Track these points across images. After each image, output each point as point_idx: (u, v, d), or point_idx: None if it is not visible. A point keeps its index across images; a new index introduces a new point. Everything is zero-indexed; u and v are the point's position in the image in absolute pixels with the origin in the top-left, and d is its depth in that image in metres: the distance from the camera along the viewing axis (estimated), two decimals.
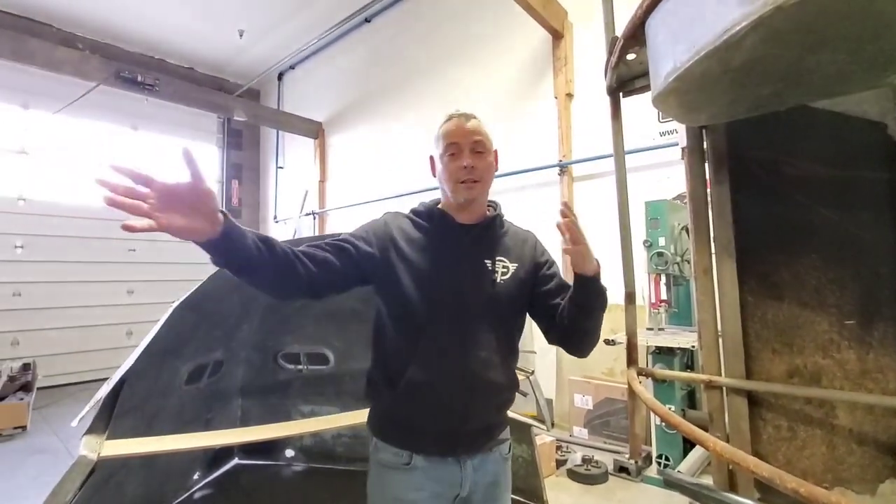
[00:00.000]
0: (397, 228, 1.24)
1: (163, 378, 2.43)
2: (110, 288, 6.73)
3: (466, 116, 1.25)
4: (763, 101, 0.76)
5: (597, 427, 3.52)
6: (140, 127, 7.15)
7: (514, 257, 1.29)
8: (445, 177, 1.22)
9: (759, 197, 0.90)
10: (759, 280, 0.90)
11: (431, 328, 1.17)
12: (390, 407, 1.20)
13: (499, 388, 1.23)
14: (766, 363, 0.89)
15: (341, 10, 5.89)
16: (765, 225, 0.90)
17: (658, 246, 2.97)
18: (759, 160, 0.91)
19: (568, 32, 4.12)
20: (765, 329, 0.90)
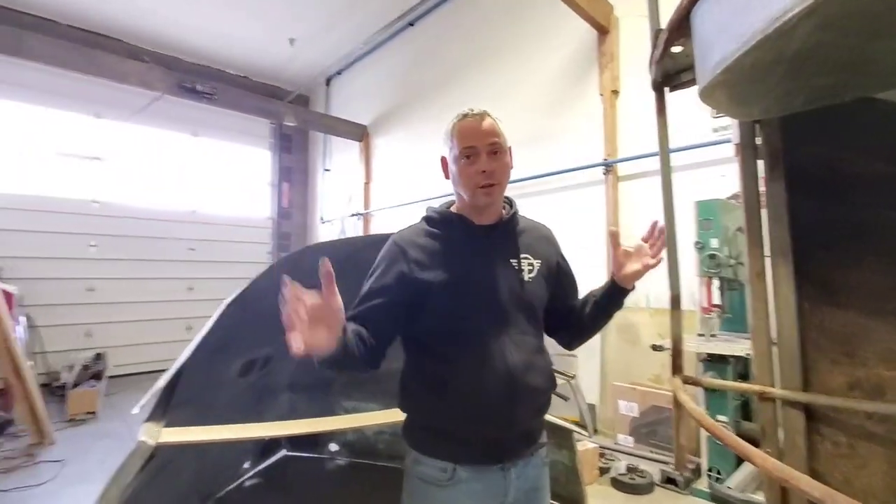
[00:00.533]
0: (413, 246, 1.20)
1: (217, 371, 2.57)
2: (172, 285, 7.19)
3: (481, 115, 1.22)
4: (820, 93, 0.70)
5: (643, 435, 3.39)
6: (199, 133, 7.60)
7: (536, 254, 1.28)
8: (462, 182, 1.20)
9: (817, 196, 0.84)
10: (818, 285, 0.83)
11: (471, 335, 1.16)
12: (433, 417, 1.17)
13: (539, 391, 1.21)
14: (825, 374, 0.82)
15: (385, 16, 6.01)
16: (824, 226, 0.84)
17: (710, 248, 2.82)
18: (817, 157, 0.85)
19: (614, 27, 4.00)
20: (823, 338, 0.83)
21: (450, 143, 1.23)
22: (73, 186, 6.42)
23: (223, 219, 7.81)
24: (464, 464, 1.13)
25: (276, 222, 8.58)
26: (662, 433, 3.27)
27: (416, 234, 1.24)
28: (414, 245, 1.20)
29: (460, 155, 1.19)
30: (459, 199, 1.27)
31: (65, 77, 5.68)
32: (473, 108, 1.25)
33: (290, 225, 8.77)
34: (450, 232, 1.23)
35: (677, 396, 0.84)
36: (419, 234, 1.24)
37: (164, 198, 7.20)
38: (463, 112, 1.25)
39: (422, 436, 1.20)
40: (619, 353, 3.80)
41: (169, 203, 7.24)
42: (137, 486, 1.53)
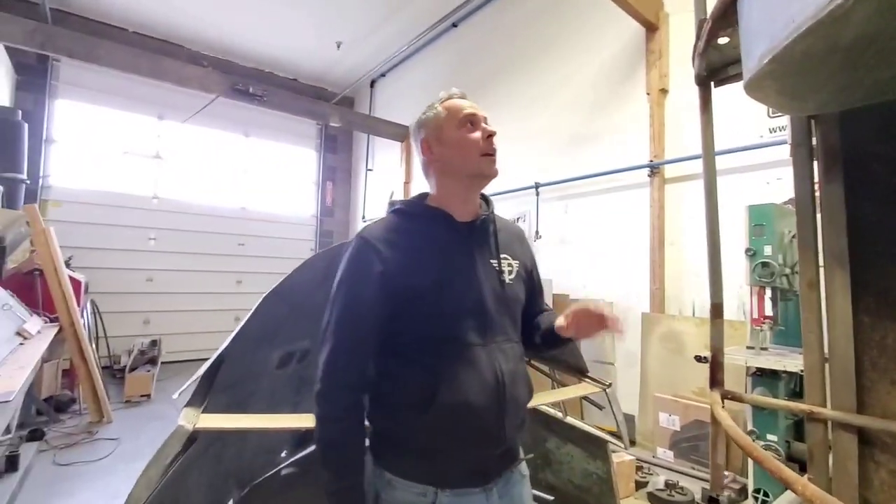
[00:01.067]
0: (387, 244, 1.05)
1: (257, 361, 2.66)
2: (223, 277, 7.56)
3: (464, 94, 1.18)
4: (883, 87, 0.64)
5: (684, 450, 3.23)
6: (251, 133, 7.95)
7: (514, 254, 1.19)
8: (464, 150, 1.09)
9: (879, 200, 0.77)
10: (878, 298, 0.76)
11: (459, 343, 1.04)
12: (413, 435, 1.03)
13: (523, 402, 1.12)
14: (883, 396, 0.76)
15: (429, 18, 6.06)
16: (886, 232, 0.77)
17: (763, 255, 2.65)
18: (881, 156, 0.78)
19: (663, 24, 3.84)
20: (883, 356, 0.76)
21: (438, 122, 1.14)
22: (136, 183, 6.87)
23: (270, 216, 8.13)
24: (446, 488, 1.02)
25: (319, 220, 8.84)
26: (705, 449, 3.11)
27: (388, 231, 1.09)
28: (388, 243, 1.05)
29: (460, 123, 1.11)
30: (441, 189, 1.15)
31: (131, 80, 6.09)
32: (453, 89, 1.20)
33: (333, 223, 9.01)
34: (428, 228, 1.10)
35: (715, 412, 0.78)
36: (392, 231, 1.09)
37: (216, 195, 7.58)
38: (444, 95, 1.20)
39: (397, 456, 1.06)
40: (662, 363, 3.64)
41: (221, 200, 7.62)
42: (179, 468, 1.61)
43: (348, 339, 1.05)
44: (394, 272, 1.03)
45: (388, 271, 1.03)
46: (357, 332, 1.05)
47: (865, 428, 0.74)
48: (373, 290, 1.03)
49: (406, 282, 1.03)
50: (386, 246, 1.05)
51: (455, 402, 0.99)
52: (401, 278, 1.03)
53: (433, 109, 1.17)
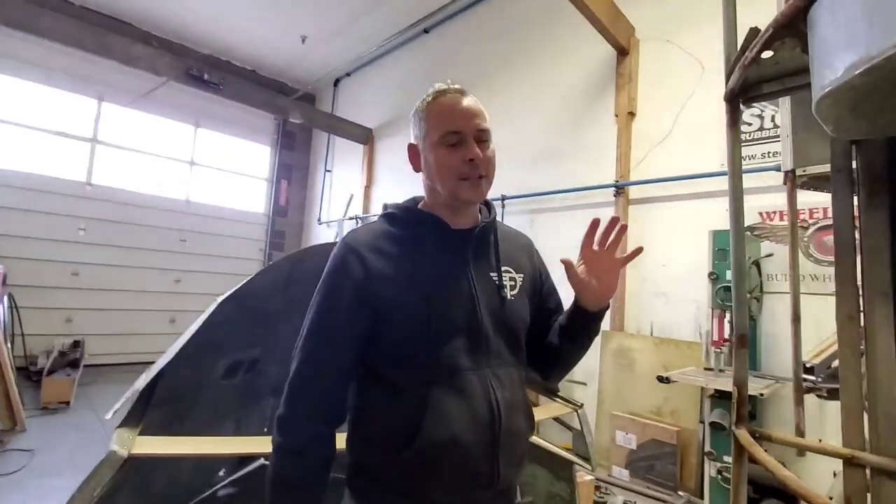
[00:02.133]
0: (372, 252, 0.94)
1: (201, 371, 2.41)
2: (159, 275, 6.99)
3: (462, 91, 0.99)
4: None
5: (639, 469, 3.26)
6: (202, 124, 7.47)
7: (519, 267, 1.07)
8: (442, 171, 0.95)
9: None
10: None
11: (445, 366, 0.91)
12: (396, 475, 0.90)
13: (522, 436, 0.99)
14: None
15: (401, 21, 5.96)
16: None
17: (725, 279, 2.73)
18: None
19: (634, 49, 3.96)
20: None
21: (424, 126, 0.99)
22: (68, 167, 6.24)
23: (217, 211, 7.64)
24: None
25: (271, 219, 8.42)
26: (661, 469, 3.14)
27: (375, 237, 0.97)
28: (374, 250, 0.94)
29: (440, 141, 0.95)
30: (432, 196, 1.02)
31: (71, 56, 5.56)
32: (451, 82, 1.01)
33: (286, 223, 8.61)
34: (419, 235, 0.98)
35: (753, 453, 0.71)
36: (380, 237, 0.97)
37: (158, 186, 7.03)
38: (439, 87, 1.00)
39: (376, 493, 0.93)
40: (619, 382, 3.68)
41: (163, 191, 7.07)
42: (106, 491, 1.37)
43: (318, 358, 0.92)
44: (375, 281, 0.91)
45: (367, 280, 0.91)
46: (328, 350, 0.92)
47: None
48: (348, 301, 0.91)
49: (388, 293, 0.91)
50: (370, 252, 0.94)
51: (441, 439, 0.86)
52: (382, 288, 0.91)
53: (421, 109, 1.00)
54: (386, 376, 0.93)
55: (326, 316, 0.92)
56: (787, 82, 0.80)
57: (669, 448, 3.12)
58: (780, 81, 0.81)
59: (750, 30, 0.73)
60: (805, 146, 1.36)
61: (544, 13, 4.78)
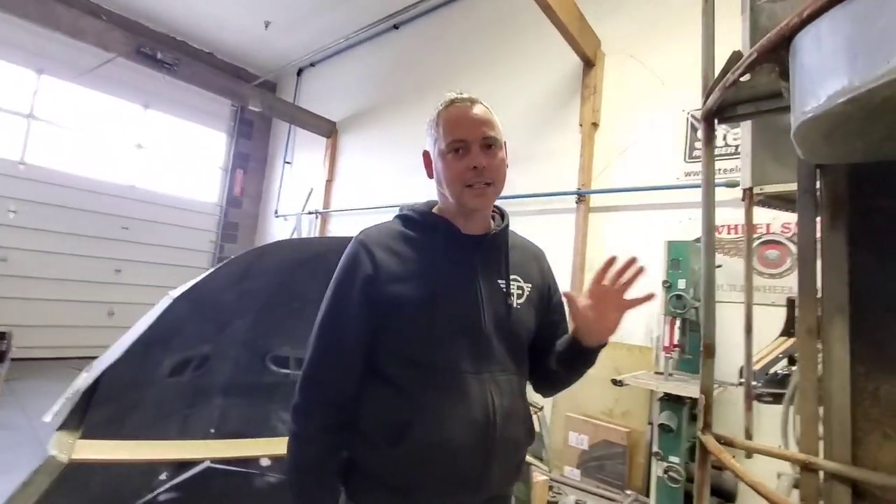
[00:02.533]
0: (383, 250, 0.97)
1: (146, 368, 2.27)
2: (98, 264, 6.52)
3: (472, 101, 1.02)
4: None
5: (590, 469, 3.36)
6: (152, 105, 7.04)
7: (527, 276, 1.09)
8: (448, 178, 0.98)
9: (881, 253, 0.78)
10: (874, 348, 0.77)
11: (446, 369, 0.93)
12: (388, 471, 0.92)
13: (519, 444, 1.01)
14: (874, 448, 0.76)
15: (371, 15, 5.87)
16: (885, 284, 0.78)
17: (677, 288, 2.86)
18: (884, 209, 0.79)
19: (599, 62, 4.08)
20: (875, 407, 0.77)
21: (434, 134, 1.02)
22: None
23: (165, 199, 7.22)
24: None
25: (223, 209, 8.06)
26: (611, 469, 3.25)
27: (388, 236, 1.01)
28: (385, 248, 0.98)
29: (447, 149, 0.98)
30: (444, 201, 1.05)
31: (8, 23, 5.08)
32: (462, 92, 1.04)
33: (240, 214, 8.27)
34: (431, 238, 1.01)
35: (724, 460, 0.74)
36: (392, 237, 1.01)
37: (101, 168, 6.55)
38: (450, 97, 1.03)
39: (368, 491, 0.96)
40: None
41: (106, 175, 6.60)
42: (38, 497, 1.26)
43: (330, 349, 0.96)
44: (384, 279, 0.94)
45: (377, 277, 0.94)
46: (340, 342, 0.96)
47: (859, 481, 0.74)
48: (358, 297, 0.95)
49: (395, 291, 0.94)
50: (382, 250, 0.97)
51: (432, 439, 0.89)
52: (390, 286, 0.94)
53: (434, 116, 1.03)
54: (386, 373, 0.96)
55: (337, 311, 0.97)
56: (760, 105, 0.84)
57: (620, 448, 3.23)
58: (753, 104, 0.85)
59: (733, 53, 0.76)
60: (762, 166, 1.43)
61: (514, 20, 4.84)
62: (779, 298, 2.91)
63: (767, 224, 3.06)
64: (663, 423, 2.73)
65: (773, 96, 0.82)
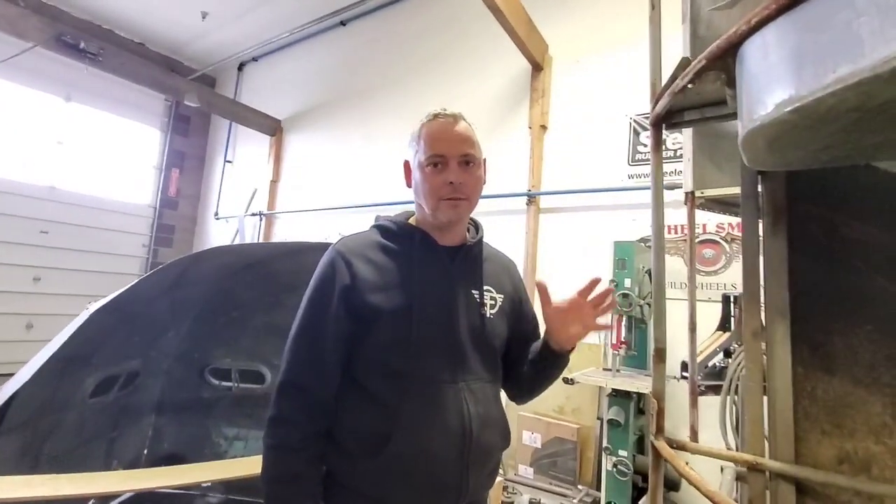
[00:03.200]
0: (361, 259, 0.99)
1: (63, 389, 2.04)
2: (14, 272, 5.88)
3: (455, 118, 1.07)
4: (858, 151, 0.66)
5: (543, 467, 3.41)
6: (74, 98, 6.44)
7: (500, 287, 1.13)
8: (425, 191, 1.02)
9: (817, 257, 0.81)
10: (812, 349, 0.80)
11: (422, 379, 0.94)
12: (366, 482, 0.93)
13: (494, 451, 1.03)
14: (814, 445, 0.79)
15: (316, 10, 5.68)
16: (820, 288, 0.81)
17: (623, 287, 2.96)
18: (817, 216, 0.82)
19: (547, 66, 4.16)
20: (814, 406, 0.80)
21: (416, 146, 1.06)
22: None
23: (90, 200, 6.62)
24: None
25: (157, 211, 7.53)
26: (562, 465, 3.32)
27: (365, 246, 1.03)
28: (362, 258, 1.00)
29: (426, 161, 1.02)
30: (420, 212, 1.09)
31: None
32: (447, 108, 1.08)
33: (176, 216, 7.76)
34: (408, 249, 1.03)
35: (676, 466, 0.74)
36: (369, 246, 1.03)
37: (14, 167, 5.93)
38: (434, 112, 1.07)
39: (343, 501, 0.96)
40: None
41: (20, 174, 5.98)
42: None
43: (309, 357, 0.95)
44: (361, 288, 0.95)
45: (354, 286, 0.95)
46: (320, 350, 0.95)
47: (801, 478, 0.76)
48: (335, 306, 0.95)
49: (372, 300, 0.94)
50: (358, 259, 0.98)
51: (411, 450, 0.90)
52: (367, 296, 0.94)
53: (416, 130, 1.06)
54: (363, 384, 0.97)
55: (315, 319, 0.96)
56: (706, 112, 0.85)
57: (571, 444, 3.30)
58: (699, 111, 0.86)
59: (681, 59, 0.76)
60: (702, 171, 1.49)
61: (463, 22, 4.84)
62: (714, 294, 3.08)
63: (703, 224, 3.23)
64: (612, 419, 2.81)
65: (718, 103, 0.83)
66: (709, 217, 3.22)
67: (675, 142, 3.40)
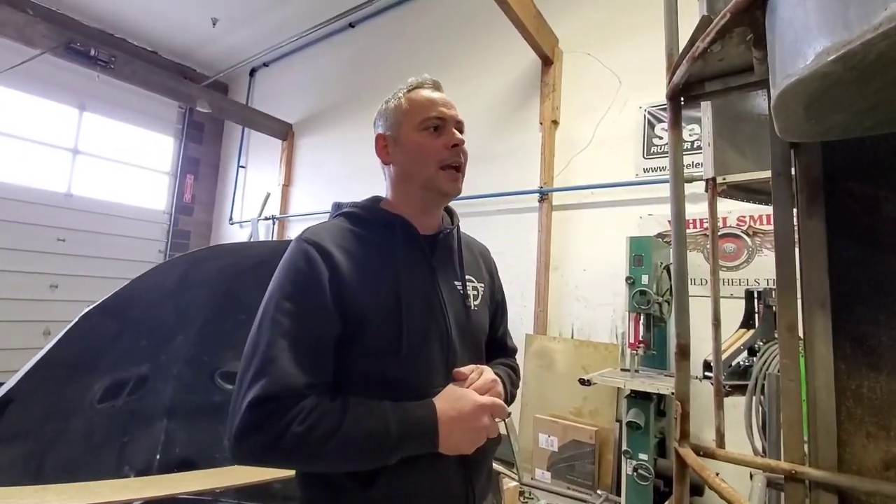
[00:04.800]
0: (337, 250, 0.84)
1: (68, 395, 2.02)
2: (31, 280, 5.99)
3: (438, 85, 0.99)
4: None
5: (561, 471, 3.31)
6: (88, 107, 6.55)
7: (479, 275, 1.04)
8: (420, 158, 0.90)
9: (857, 239, 0.72)
10: (855, 343, 0.71)
11: (419, 384, 0.83)
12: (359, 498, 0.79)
13: (489, 454, 0.95)
14: (859, 450, 0.69)
15: (325, 12, 5.67)
16: (864, 274, 0.72)
17: (641, 284, 2.84)
18: (858, 193, 0.73)
19: (557, 60, 4.07)
20: (859, 406, 0.70)
21: (398, 115, 0.95)
22: None
23: (106, 207, 6.72)
24: None
25: (173, 217, 7.61)
26: (580, 469, 3.21)
27: (337, 236, 0.88)
28: (339, 249, 0.84)
29: (420, 125, 0.91)
30: (400, 194, 0.97)
31: None
32: (426, 75, 0.99)
33: (191, 222, 7.84)
34: (386, 238, 0.91)
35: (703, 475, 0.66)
36: (342, 237, 0.88)
37: (31, 176, 6.04)
38: (414, 81, 0.98)
39: None
40: (541, 384, 3.73)
41: (37, 182, 6.09)
42: None
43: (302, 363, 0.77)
44: (342, 284, 0.80)
45: (337, 279, 0.80)
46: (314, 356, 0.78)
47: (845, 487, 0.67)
48: (325, 301, 0.79)
49: (356, 298, 0.80)
50: (336, 250, 0.83)
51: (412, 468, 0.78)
52: (350, 293, 0.80)
53: (395, 99, 0.95)
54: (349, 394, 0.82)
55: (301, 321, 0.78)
56: (729, 81, 0.76)
57: (588, 448, 3.19)
58: (721, 80, 0.78)
59: (702, 18, 0.68)
60: (724, 156, 1.40)
61: (471, 18, 4.78)
62: (737, 291, 2.95)
63: (724, 218, 3.10)
64: (631, 421, 2.70)
65: (743, 71, 0.75)
66: (729, 210, 3.09)
67: (692, 133, 3.28)
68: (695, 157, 3.21)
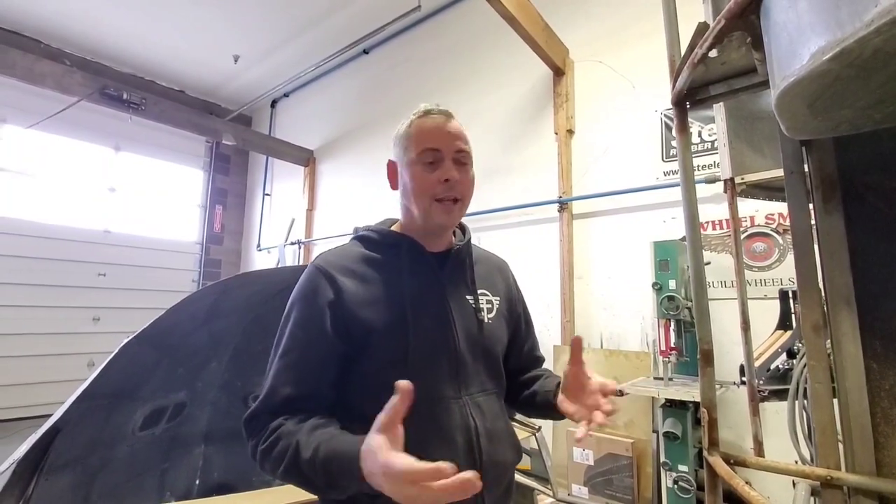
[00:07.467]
0: (345, 273, 0.90)
1: (112, 424, 2.10)
2: (75, 314, 6.28)
3: (446, 115, 0.98)
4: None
5: (598, 486, 3.22)
6: (123, 147, 6.92)
7: (494, 289, 1.05)
8: (416, 191, 0.94)
9: (878, 233, 0.70)
10: (885, 340, 0.69)
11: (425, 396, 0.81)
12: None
13: (508, 466, 0.95)
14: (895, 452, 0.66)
15: (339, 41, 5.86)
16: (888, 268, 0.70)
17: (668, 289, 2.79)
18: (877, 187, 0.71)
19: (569, 70, 4.08)
20: (895, 407, 0.68)
21: (404, 143, 0.98)
22: None
23: (142, 241, 7.03)
24: None
25: (204, 247, 7.88)
26: (618, 483, 3.11)
27: (348, 259, 0.95)
28: (347, 272, 0.91)
29: (418, 158, 0.94)
30: (407, 216, 1.01)
31: None
32: (438, 104, 0.99)
33: (221, 251, 8.10)
34: (394, 258, 0.95)
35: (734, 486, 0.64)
36: (353, 259, 0.95)
37: (71, 215, 6.38)
38: (423, 108, 0.99)
39: None
40: None
41: (78, 221, 6.42)
42: None
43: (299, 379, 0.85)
44: (348, 303, 0.86)
45: (340, 302, 0.86)
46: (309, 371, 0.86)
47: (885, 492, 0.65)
48: (325, 323, 0.86)
49: (362, 316, 0.86)
50: (342, 274, 0.90)
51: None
52: (356, 311, 0.86)
53: (406, 125, 0.98)
54: (357, 408, 0.87)
55: (302, 341, 0.87)
56: (733, 84, 0.77)
57: (626, 461, 3.10)
58: (725, 83, 0.78)
59: (699, 25, 0.69)
60: (741, 155, 1.38)
61: (481, 36, 4.86)
62: (770, 291, 2.85)
63: (752, 216, 3.01)
64: (668, 431, 2.62)
65: (747, 73, 0.75)
66: (757, 208, 3.01)
67: (711, 133, 3.23)
68: (715, 157, 3.15)
